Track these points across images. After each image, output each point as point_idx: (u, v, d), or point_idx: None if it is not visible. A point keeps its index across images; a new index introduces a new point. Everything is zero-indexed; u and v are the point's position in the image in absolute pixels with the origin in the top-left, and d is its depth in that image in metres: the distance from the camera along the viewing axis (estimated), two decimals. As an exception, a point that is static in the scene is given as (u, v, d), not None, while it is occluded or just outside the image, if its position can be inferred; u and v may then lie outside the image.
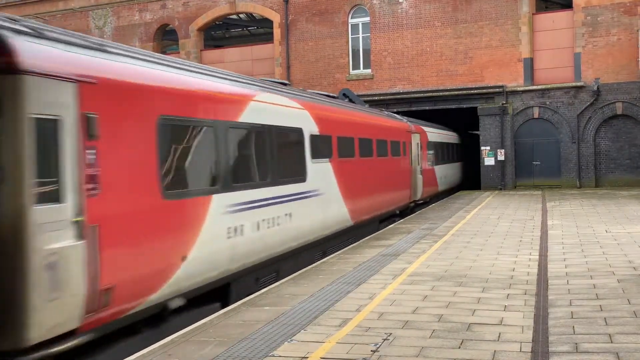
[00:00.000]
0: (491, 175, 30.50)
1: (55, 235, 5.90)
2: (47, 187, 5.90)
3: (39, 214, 5.75)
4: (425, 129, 25.72)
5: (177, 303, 7.92)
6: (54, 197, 5.96)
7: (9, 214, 5.63)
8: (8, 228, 5.63)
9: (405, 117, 24.36)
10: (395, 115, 23.42)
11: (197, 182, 8.52)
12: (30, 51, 5.88)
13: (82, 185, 6.26)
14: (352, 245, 13.85)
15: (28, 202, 5.67)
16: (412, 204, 22.64)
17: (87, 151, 6.35)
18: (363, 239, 14.82)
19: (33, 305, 5.64)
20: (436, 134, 27.95)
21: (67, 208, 6.08)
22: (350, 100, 20.47)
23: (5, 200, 5.65)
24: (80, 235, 6.19)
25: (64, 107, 6.10)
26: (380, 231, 16.34)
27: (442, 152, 28.86)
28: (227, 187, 9.15)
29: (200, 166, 8.66)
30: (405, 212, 21.56)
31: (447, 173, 29.83)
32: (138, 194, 7.21)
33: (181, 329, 7.53)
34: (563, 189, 28.70)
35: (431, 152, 26.09)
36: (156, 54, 8.84)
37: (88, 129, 6.36)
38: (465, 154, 36.53)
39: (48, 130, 5.92)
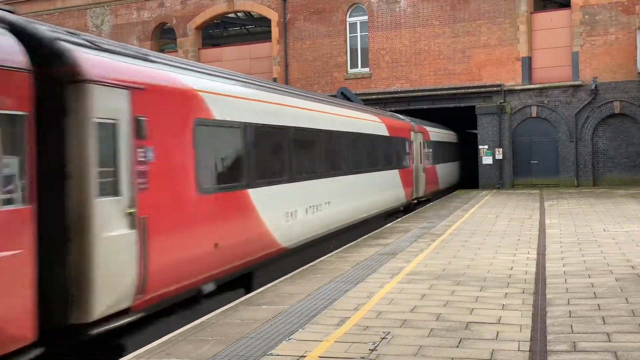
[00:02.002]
0: (489, 174, 30.51)
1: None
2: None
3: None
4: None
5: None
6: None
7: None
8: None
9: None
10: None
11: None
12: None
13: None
14: (350, 244, 13.84)
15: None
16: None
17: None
18: (361, 238, 14.82)
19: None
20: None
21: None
22: (348, 99, 20.47)
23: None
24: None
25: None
26: (378, 230, 16.34)
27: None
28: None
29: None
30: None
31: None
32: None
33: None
34: (561, 187, 28.71)
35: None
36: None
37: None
38: (463, 153, 36.55)
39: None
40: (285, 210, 11.40)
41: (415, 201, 23.04)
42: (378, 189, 18.16)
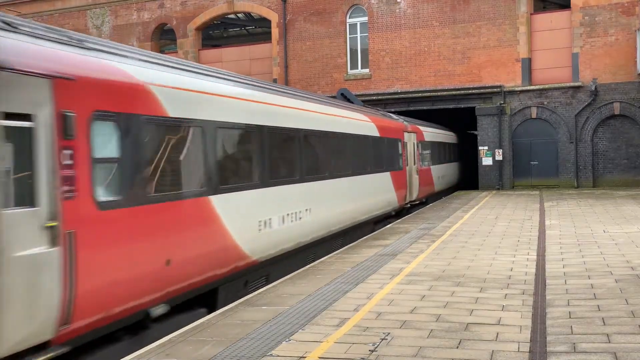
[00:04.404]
0: (489, 175, 30.51)
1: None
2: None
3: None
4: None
5: None
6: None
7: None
8: None
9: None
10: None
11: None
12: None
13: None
14: (350, 245, 13.84)
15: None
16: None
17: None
18: (361, 239, 14.82)
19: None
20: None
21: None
22: (348, 100, 20.48)
23: None
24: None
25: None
26: (378, 231, 16.34)
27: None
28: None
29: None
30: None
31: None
32: None
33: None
34: (561, 189, 28.72)
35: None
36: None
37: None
38: (463, 153, 36.54)
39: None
40: (258, 218, 10.21)
41: (409, 205, 22.14)
42: (367, 193, 16.95)
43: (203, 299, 8.90)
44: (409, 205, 22.05)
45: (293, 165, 12.14)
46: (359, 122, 16.96)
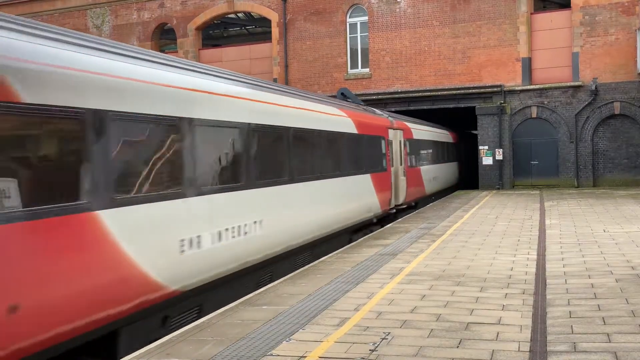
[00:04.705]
0: (489, 174, 30.51)
1: None
2: None
3: None
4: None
5: None
6: None
7: None
8: None
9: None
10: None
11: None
12: None
13: None
14: (350, 245, 13.84)
15: None
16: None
17: None
18: (361, 238, 14.81)
19: None
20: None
21: None
22: (348, 100, 20.43)
23: None
24: None
25: None
26: (378, 230, 16.33)
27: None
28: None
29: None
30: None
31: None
32: None
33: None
34: (561, 188, 28.72)
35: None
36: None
37: None
38: (462, 153, 36.52)
39: None
40: (179, 237, 7.98)
41: (394, 210, 19.96)
42: (340, 198, 14.78)
43: (99, 344, 6.90)
44: (394, 210, 20.02)
45: (235, 168, 9.76)
46: (330, 117, 14.64)
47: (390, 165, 19.46)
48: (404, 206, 21.13)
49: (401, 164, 21.05)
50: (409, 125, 23.36)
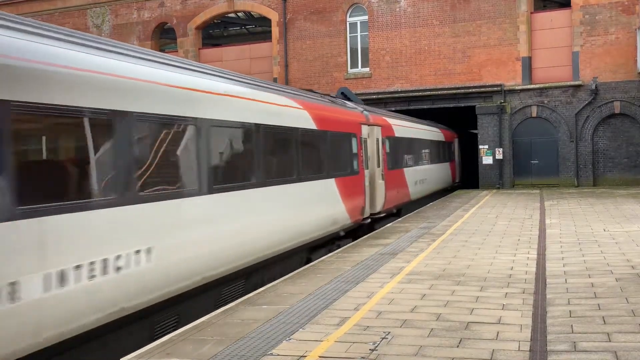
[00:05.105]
0: (489, 174, 30.53)
1: None
2: None
3: None
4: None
5: None
6: None
7: None
8: None
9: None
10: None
11: None
12: None
13: None
14: (350, 244, 13.84)
15: None
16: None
17: None
18: (361, 238, 14.80)
19: None
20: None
21: None
22: (348, 99, 20.39)
23: None
24: None
25: None
26: (378, 230, 16.33)
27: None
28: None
29: None
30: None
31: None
32: None
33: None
34: (561, 187, 28.73)
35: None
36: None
37: None
38: (462, 153, 36.47)
39: None
40: None
41: (370, 219, 17.11)
42: (289, 210, 11.80)
43: None
44: (369, 220, 17.14)
45: (101, 175, 6.74)
46: (277, 108, 11.61)
47: (363, 167, 16.56)
48: (383, 214, 18.23)
49: (379, 166, 18.04)
50: (390, 121, 20.38)
